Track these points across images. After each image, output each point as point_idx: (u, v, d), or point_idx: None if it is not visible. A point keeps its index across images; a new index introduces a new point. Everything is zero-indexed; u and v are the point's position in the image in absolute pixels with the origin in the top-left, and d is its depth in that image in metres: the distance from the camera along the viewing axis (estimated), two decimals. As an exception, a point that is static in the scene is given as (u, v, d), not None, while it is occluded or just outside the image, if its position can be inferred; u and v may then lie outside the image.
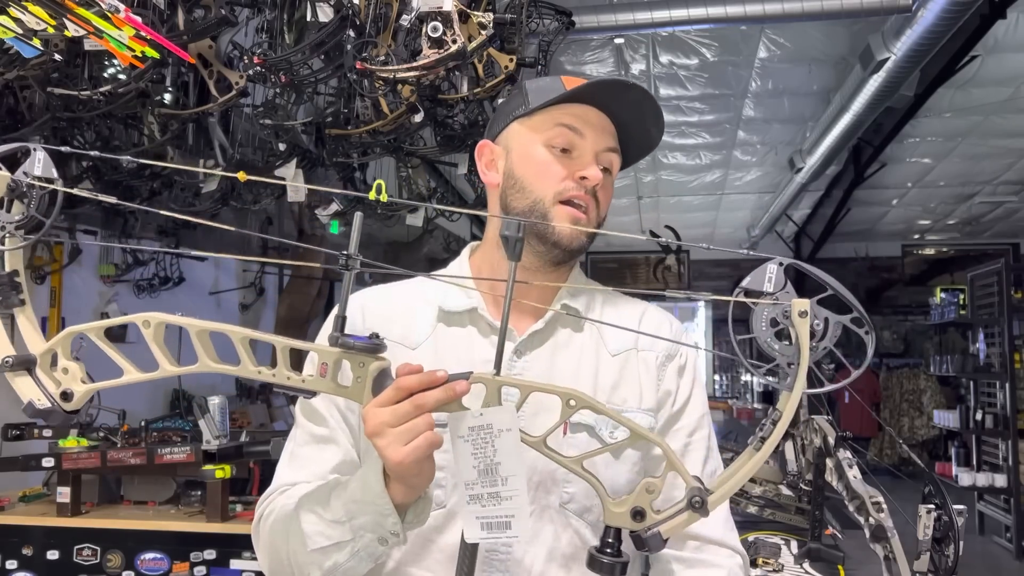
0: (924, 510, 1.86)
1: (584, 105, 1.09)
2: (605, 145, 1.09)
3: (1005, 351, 6.09)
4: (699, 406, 1.15)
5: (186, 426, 3.07)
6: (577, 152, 1.08)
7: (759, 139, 7.03)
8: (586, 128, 1.08)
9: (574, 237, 1.08)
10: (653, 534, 0.83)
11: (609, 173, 1.11)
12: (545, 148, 1.08)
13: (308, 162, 3.39)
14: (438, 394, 0.83)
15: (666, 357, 1.14)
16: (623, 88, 1.07)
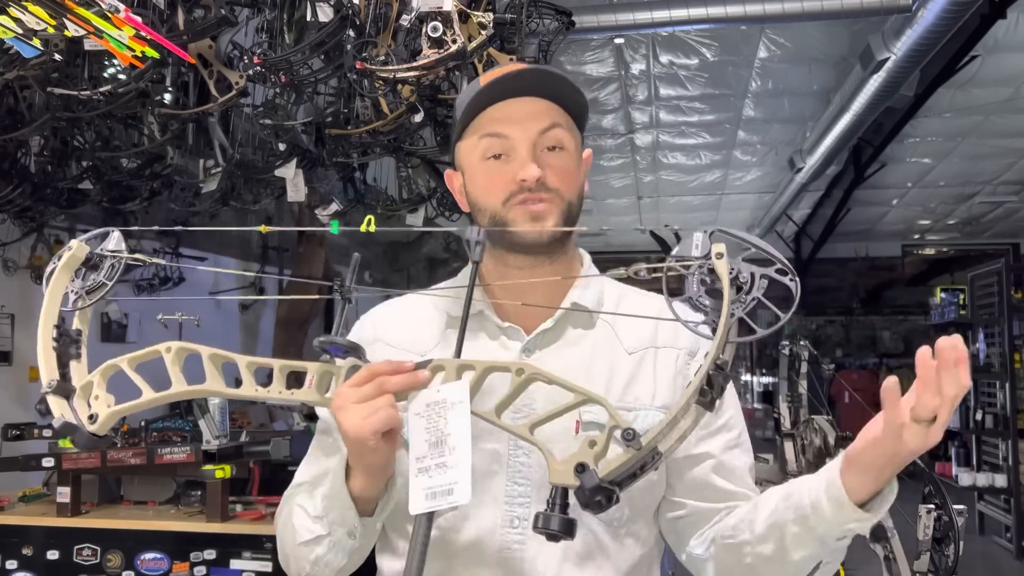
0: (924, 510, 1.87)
1: (506, 101, 1.06)
2: (538, 129, 1.05)
3: (1005, 351, 6.09)
4: (733, 400, 1.13)
5: (186, 426, 3.07)
6: (512, 154, 1.06)
7: (759, 139, 7.03)
8: (510, 127, 1.05)
9: (538, 233, 1.05)
10: (589, 474, 0.82)
11: (560, 149, 1.07)
12: (482, 162, 1.08)
13: (308, 162, 3.39)
14: (401, 378, 0.90)
15: (688, 355, 1.11)
16: (518, 75, 1.06)
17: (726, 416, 1.11)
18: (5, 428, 3.25)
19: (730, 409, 1.12)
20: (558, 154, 1.07)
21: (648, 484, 1.06)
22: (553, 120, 1.07)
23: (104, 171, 3.50)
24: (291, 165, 3.32)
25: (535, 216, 1.05)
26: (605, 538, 1.05)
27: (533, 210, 1.05)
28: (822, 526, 0.93)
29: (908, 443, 0.83)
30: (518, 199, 1.05)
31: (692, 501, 1.10)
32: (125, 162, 3.49)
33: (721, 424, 1.11)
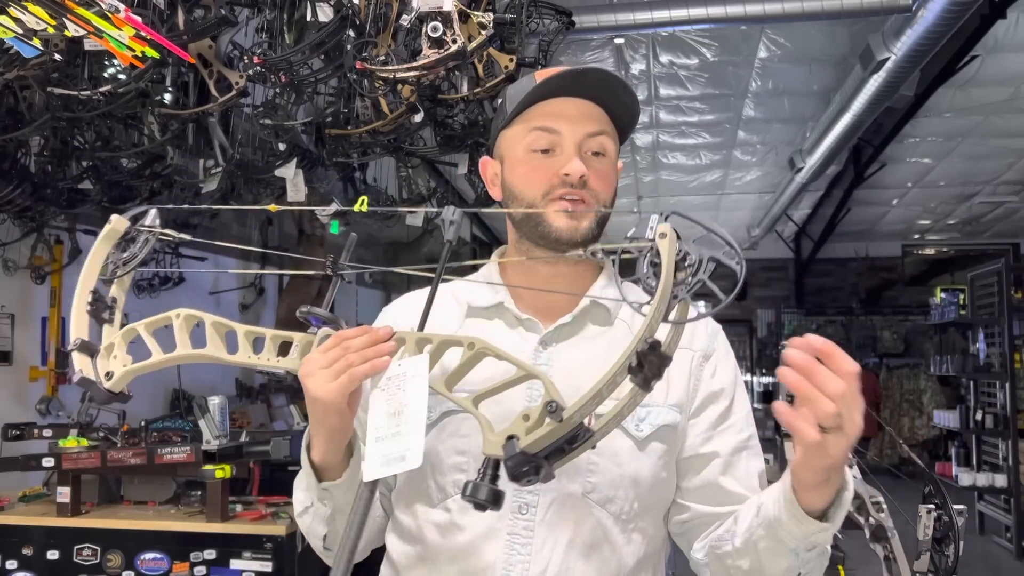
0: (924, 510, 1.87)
1: (558, 98, 1.09)
2: (586, 132, 1.09)
3: (1005, 351, 6.09)
4: (744, 403, 1.15)
5: (186, 426, 3.07)
6: (558, 150, 1.09)
7: (759, 139, 7.03)
8: (561, 123, 1.08)
9: (572, 230, 1.08)
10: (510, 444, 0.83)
11: (603, 155, 1.11)
12: (527, 153, 1.11)
13: (308, 162, 3.39)
14: (364, 339, 0.95)
15: (703, 357, 1.13)
16: (580, 74, 1.08)
17: (736, 416, 1.12)
18: (5, 428, 3.25)
19: (740, 411, 1.13)
20: (601, 159, 1.10)
21: (656, 481, 1.08)
22: (602, 126, 1.10)
23: (104, 171, 3.50)
24: (291, 165, 3.32)
25: (571, 215, 1.08)
26: (613, 531, 1.06)
27: (566, 206, 1.08)
28: (789, 540, 0.94)
29: (832, 452, 0.84)
30: (557, 193, 1.08)
31: (697, 504, 1.10)
32: (125, 162, 3.48)
33: (730, 424, 1.11)
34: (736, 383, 1.14)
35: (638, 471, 1.06)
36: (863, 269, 10.94)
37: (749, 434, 1.13)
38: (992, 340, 6.46)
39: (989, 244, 10.68)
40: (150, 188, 3.79)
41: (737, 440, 1.11)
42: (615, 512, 1.06)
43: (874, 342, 10.35)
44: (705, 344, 1.14)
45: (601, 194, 1.10)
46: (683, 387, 1.11)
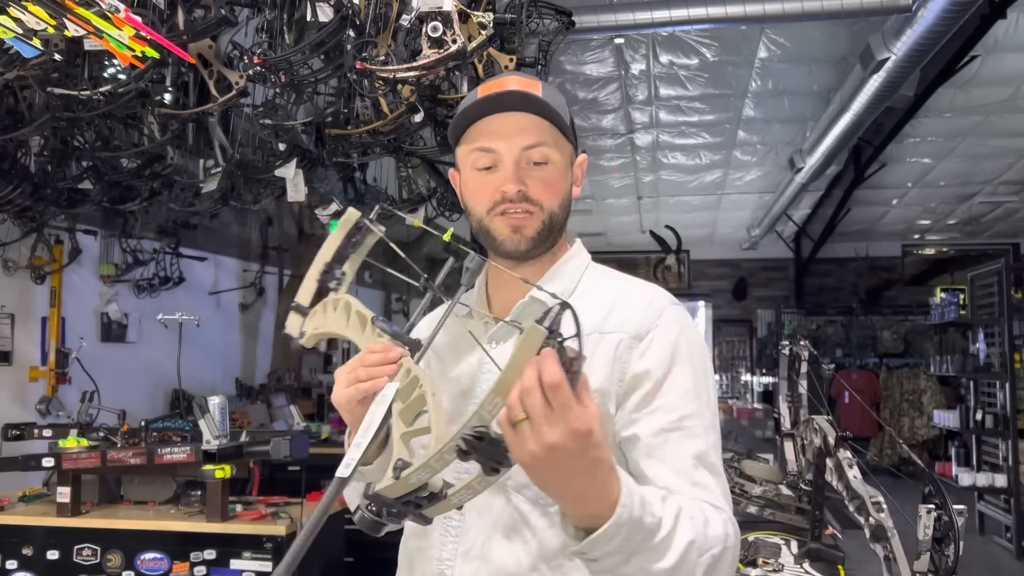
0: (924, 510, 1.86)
1: (496, 115, 1.15)
2: (522, 146, 1.14)
3: (1005, 351, 6.08)
4: (682, 382, 1.10)
5: (186, 426, 3.07)
6: (499, 166, 1.16)
7: (759, 139, 7.03)
8: (497, 141, 1.15)
9: (516, 242, 1.16)
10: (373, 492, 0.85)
11: (545, 164, 1.16)
12: (472, 171, 1.19)
13: (308, 162, 3.39)
14: (376, 358, 1.04)
15: (632, 338, 1.11)
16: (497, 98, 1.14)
17: (667, 398, 1.09)
18: (5, 428, 3.25)
19: (673, 391, 1.09)
20: (543, 168, 1.16)
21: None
22: (539, 138, 1.15)
23: (104, 171, 3.50)
24: (291, 165, 3.32)
25: (514, 228, 1.16)
26: (532, 515, 1.10)
27: (512, 221, 1.15)
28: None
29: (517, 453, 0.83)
30: (499, 209, 1.16)
31: None
32: (125, 162, 3.49)
33: (657, 406, 1.09)
34: (672, 361, 1.10)
35: None
36: (863, 269, 10.93)
37: (681, 415, 1.08)
38: (992, 340, 6.46)
39: (989, 244, 10.68)
40: (150, 188, 3.80)
41: (664, 422, 1.08)
42: (531, 497, 1.09)
43: (874, 342, 10.35)
44: (638, 326, 1.12)
45: (546, 201, 1.16)
46: (606, 373, 1.10)
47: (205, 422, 2.91)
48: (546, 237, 1.18)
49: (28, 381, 4.35)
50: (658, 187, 8.53)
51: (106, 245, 4.96)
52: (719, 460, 1.11)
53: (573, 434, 0.81)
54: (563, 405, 0.80)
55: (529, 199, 1.15)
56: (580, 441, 0.82)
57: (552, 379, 0.80)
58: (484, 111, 1.15)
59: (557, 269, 1.22)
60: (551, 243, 1.20)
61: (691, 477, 1.06)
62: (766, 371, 10.82)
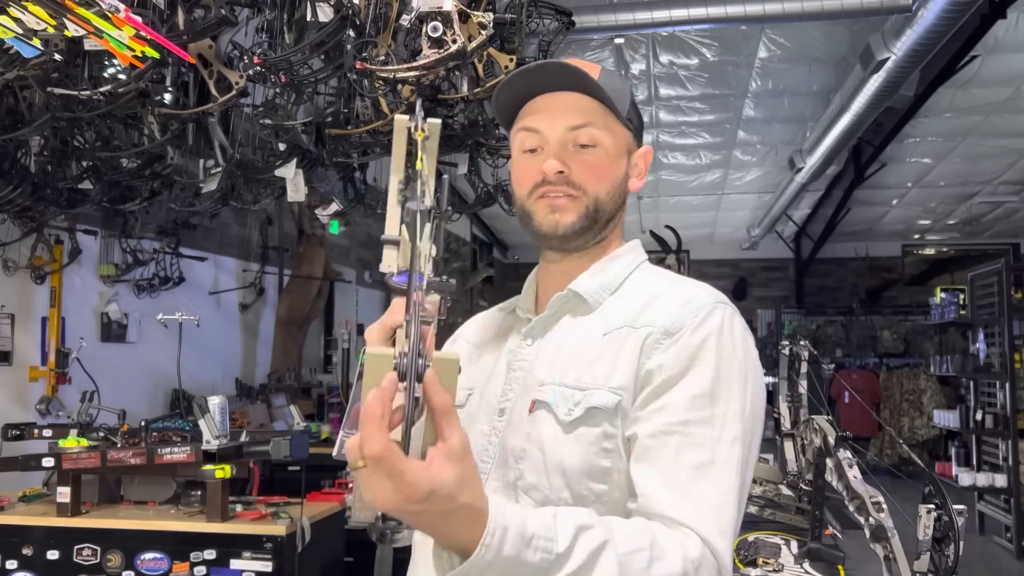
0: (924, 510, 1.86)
1: (543, 95, 1.09)
2: (567, 125, 1.07)
3: (1005, 351, 6.08)
4: (695, 385, 0.96)
5: (186, 426, 3.07)
6: (545, 147, 1.09)
7: (759, 139, 7.04)
8: (540, 121, 1.09)
9: (553, 224, 1.08)
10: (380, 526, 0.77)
11: (593, 147, 1.08)
12: (519, 154, 1.13)
13: (308, 162, 3.39)
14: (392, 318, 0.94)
15: (663, 334, 1.00)
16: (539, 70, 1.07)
17: (675, 396, 0.96)
18: (5, 428, 3.25)
19: (685, 392, 0.96)
20: (590, 151, 1.08)
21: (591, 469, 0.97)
22: (587, 119, 1.08)
23: (104, 171, 3.50)
24: (291, 165, 3.32)
25: (552, 209, 1.08)
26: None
27: (551, 203, 1.08)
28: None
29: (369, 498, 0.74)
30: (540, 191, 1.09)
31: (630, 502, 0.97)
32: (125, 162, 3.48)
33: (663, 404, 0.97)
34: (693, 360, 0.97)
35: (563, 458, 0.98)
36: (863, 269, 10.94)
37: (685, 419, 0.95)
38: (992, 340, 6.46)
39: (989, 244, 10.68)
40: (150, 188, 3.80)
41: (664, 423, 0.95)
42: (540, 500, 0.99)
43: (874, 342, 10.35)
44: (672, 321, 1.01)
45: (590, 186, 1.08)
46: (632, 368, 1.00)
47: (205, 422, 2.91)
48: (589, 226, 1.09)
49: (28, 381, 4.35)
50: (658, 187, 8.54)
51: (106, 245, 4.96)
52: (734, 483, 0.94)
53: (406, 500, 0.72)
54: (390, 475, 0.70)
55: (571, 182, 1.07)
56: (417, 504, 0.72)
57: (372, 451, 0.69)
58: (529, 87, 1.09)
59: (604, 264, 1.13)
60: (597, 233, 1.11)
61: (684, 489, 0.92)
62: (766, 371, 10.74)
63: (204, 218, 5.09)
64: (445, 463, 0.73)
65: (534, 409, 1.03)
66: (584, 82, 1.06)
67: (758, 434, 1.02)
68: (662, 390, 0.97)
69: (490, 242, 11.17)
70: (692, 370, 0.98)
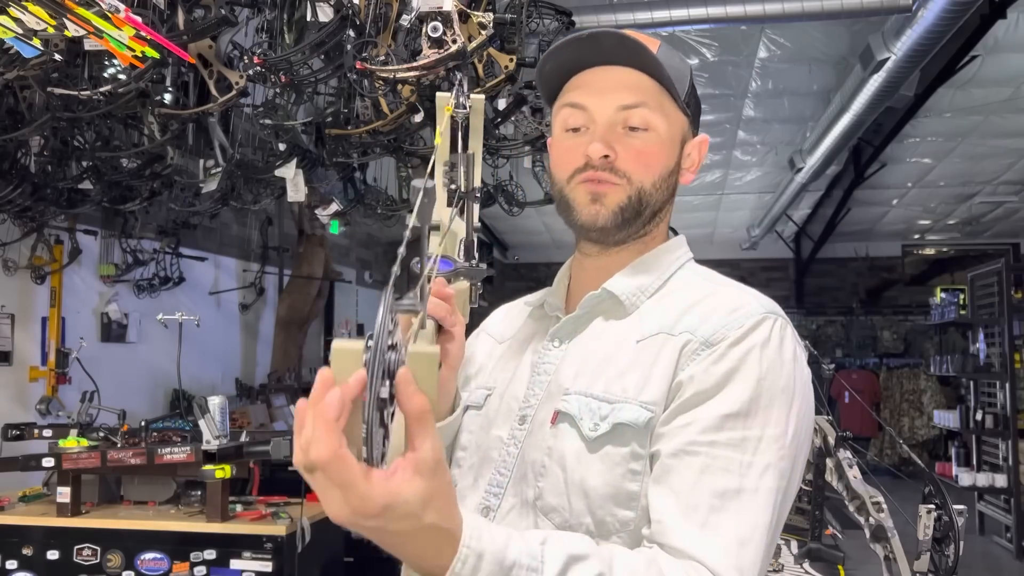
0: (924, 510, 1.86)
1: (594, 68, 0.98)
2: (617, 105, 0.96)
3: (1005, 351, 6.08)
4: (729, 403, 0.85)
5: (186, 426, 3.07)
6: (590, 127, 0.98)
7: (759, 139, 7.03)
8: (588, 98, 0.98)
9: (593, 214, 0.97)
10: None
11: (644, 130, 0.97)
12: (561, 133, 1.01)
13: (308, 162, 3.39)
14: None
15: (703, 344, 0.89)
16: (591, 40, 0.96)
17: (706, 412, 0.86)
18: (5, 428, 3.25)
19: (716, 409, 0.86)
20: (640, 135, 0.97)
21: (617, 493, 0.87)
22: (640, 98, 0.96)
23: (104, 171, 3.50)
24: (291, 165, 3.32)
25: (593, 197, 0.97)
26: None
27: (592, 189, 0.97)
28: None
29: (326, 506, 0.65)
30: (581, 176, 0.98)
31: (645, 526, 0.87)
32: (125, 162, 3.49)
33: (690, 421, 0.86)
34: (731, 375, 0.86)
35: (584, 478, 0.88)
36: (863, 269, 10.93)
37: (712, 439, 0.84)
38: (992, 340, 6.46)
39: (989, 244, 10.67)
40: (150, 188, 3.80)
41: (690, 441, 0.84)
42: (560, 524, 0.89)
43: (874, 342, 10.35)
44: (714, 330, 0.90)
45: (636, 174, 0.97)
46: (666, 380, 0.89)
47: (205, 422, 2.91)
48: (633, 217, 0.98)
49: (28, 381, 4.35)
50: (658, 187, 8.53)
51: (106, 245, 4.96)
52: (763, 516, 0.82)
53: (356, 514, 0.63)
54: (340, 484, 0.61)
55: (615, 169, 0.96)
56: (370, 520, 0.64)
57: (318, 455, 0.60)
58: (579, 59, 0.98)
59: (646, 260, 1.02)
60: (640, 227, 1.00)
61: (703, 519, 0.81)
62: (766, 371, 10.80)
63: (204, 218, 5.10)
64: (411, 476, 0.64)
65: (556, 421, 0.93)
66: (642, 57, 0.95)
67: (800, 464, 0.90)
68: (691, 404, 0.87)
69: (490, 242, 11.16)
70: (729, 385, 0.86)
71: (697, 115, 1.05)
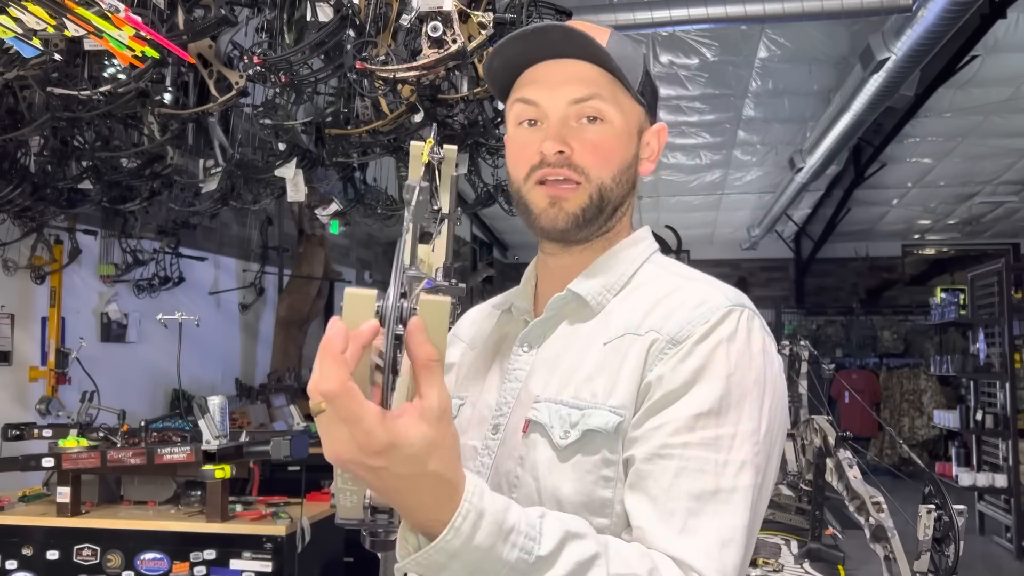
0: (924, 510, 1.86)
1: (544, 62, 0.95)
2: (568, 99, 0.93)
3: (1005, 351, 6.09)
4: (700, 401, 0.84)
5: (186, 426, 3.07)
6: (542, 122, 0.95)
7: (759, 139, 7.04)
8: (539, 92, 0.95)
9: (552, 217, 0.95)
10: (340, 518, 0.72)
11: (600, 121, 0.94)
12: (515, 128, 0.98)
13: (308, 162, 3.39)
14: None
15: (669, 342, 0.87)
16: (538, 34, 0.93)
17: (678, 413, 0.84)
18: (5, 428, 3.25)
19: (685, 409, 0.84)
20: (595, 127, 0.94)
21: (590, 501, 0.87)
22: (593, 90, 0.94)
23: (104, 171, 3.50)
24: (291, 165, 3.32)
25: (552, 199, 0.94)
26: None
27: (551, 192, 0.94)
28: None
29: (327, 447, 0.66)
30: (538, 175, 0.95)
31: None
32: (125, 162, 3.49)
33: (663, 423, 0.84)
34: (701, 373, 0.84)
35: (556, 487, 0.87)
36: (863, 269, 10.94)
37: (685, 441, 0.82)
38: (992, 340, 6.46)
39: (989, 244, 10.68)
40: (150, 188, 3.80)
41: (662, 444, 0.83)
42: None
43: (874, 342, 10.35)
44: (680, 327, 0.88)
45: (594, 169, 0.94)
46: (634, 382, 0.88)
47: (205, 422, 2.91)
48: (594, 217, 0.95)
49: (28, 381, 4.35)
50: (658, 187, 8.54)
51: (106, 245, 4.96)
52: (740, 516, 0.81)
53: (362, 450, 0.63)
54: (347, 419, 0.62)
55: (573, 165, 0.93)
56: (375, 458, 0.64)
57: (327, 387, 0.61)
58: (527, 53, 0.95)
59: (609, 257, 0.99)
60: (603, 224, 0.97)
61: (682, 523, 0.80)
62: (766, 371, 10.80)
63: (204, 218, 5.09)
64: (416, 420, 0.64)
65: (528, 430, 0.92)
66: (590, 48, 0.93)
67: (776, 458, 0.89)
68: (661, 405, 0.85)
69: (490, 242, 11.16)
70: (698, 384, 0.84)
71: (654, 103, 1.02)
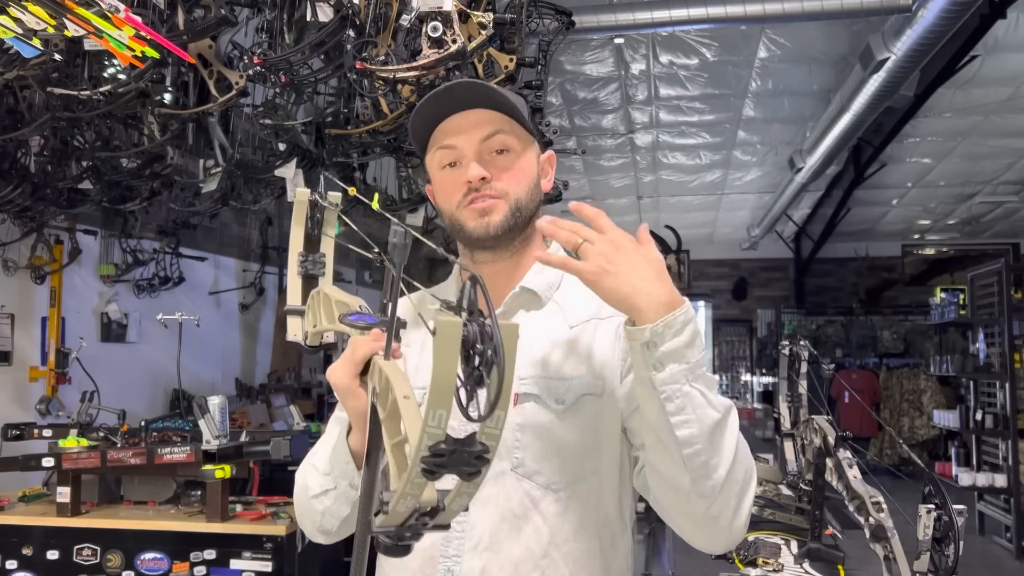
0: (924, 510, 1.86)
1: (453, 116, 1.17)
2: (480, 136, 1.16)
3: (1005, 351, 6.08)
4: None
5: (186, 426, 3.07)
6: (463, 160, 1.17)
7: (759, 139, 7.03)
8: (455, 137, 1.17)
9: (484, 227, 1.16)
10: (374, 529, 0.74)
11: (507, 151, 1.18)
12: (439, 172, 1.20)
13: (308, 162, 3.39)
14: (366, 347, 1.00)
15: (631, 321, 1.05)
16: (447, 91, 1.15)
17: None
18: (5, 428, 3.25)
19: None
20: (505, 156, 1.18)
21: (585, 450, 1.12)
22: (496, 126, 1.17)
23: (104, 171, 3.50)
24: (291, 165, 3.32)
25: (481, 213, 1.16)
26: (544, 501, 1.12)
27: (479, 207, 1.16)
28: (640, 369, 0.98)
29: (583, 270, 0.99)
30: (467, 200, 1.17)
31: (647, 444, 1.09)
32: (125, 162, 3.48)
33: None
34: None
35: (561, 441, 1.12)
36: (863, 269, 10.94)
37: None
38: (992, 340, 6.46)
39: (989, 244, 10.68)
40: (150, 188, 3.80)
41: None
42: (543, 483, 1.12)
43: (874, 342, 10.34)
44: None
45: (511, 188, 1.17)
46: (610, 353, 1.14)
47: (205, 422, 2.91)
48: (515, 225, 1.18)
49: (28, 381, 4.35)
50: (658, 187, 8.54)
51: (106, 245, 4.96)
52: None
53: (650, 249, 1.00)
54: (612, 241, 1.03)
55: (494, 188, 1.16)
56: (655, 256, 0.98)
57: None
58: (438, 111, 1.17)
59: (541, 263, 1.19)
60: (520, 232, 1.20)
61: None
62: (766, 371, 10.82)
63: (204, 218, 5.09)
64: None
65: (519, 402, 1.12)
66: (490, 96, 1.16)
67: None
68: None
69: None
70: None
71: (540, 137, 1.30)
